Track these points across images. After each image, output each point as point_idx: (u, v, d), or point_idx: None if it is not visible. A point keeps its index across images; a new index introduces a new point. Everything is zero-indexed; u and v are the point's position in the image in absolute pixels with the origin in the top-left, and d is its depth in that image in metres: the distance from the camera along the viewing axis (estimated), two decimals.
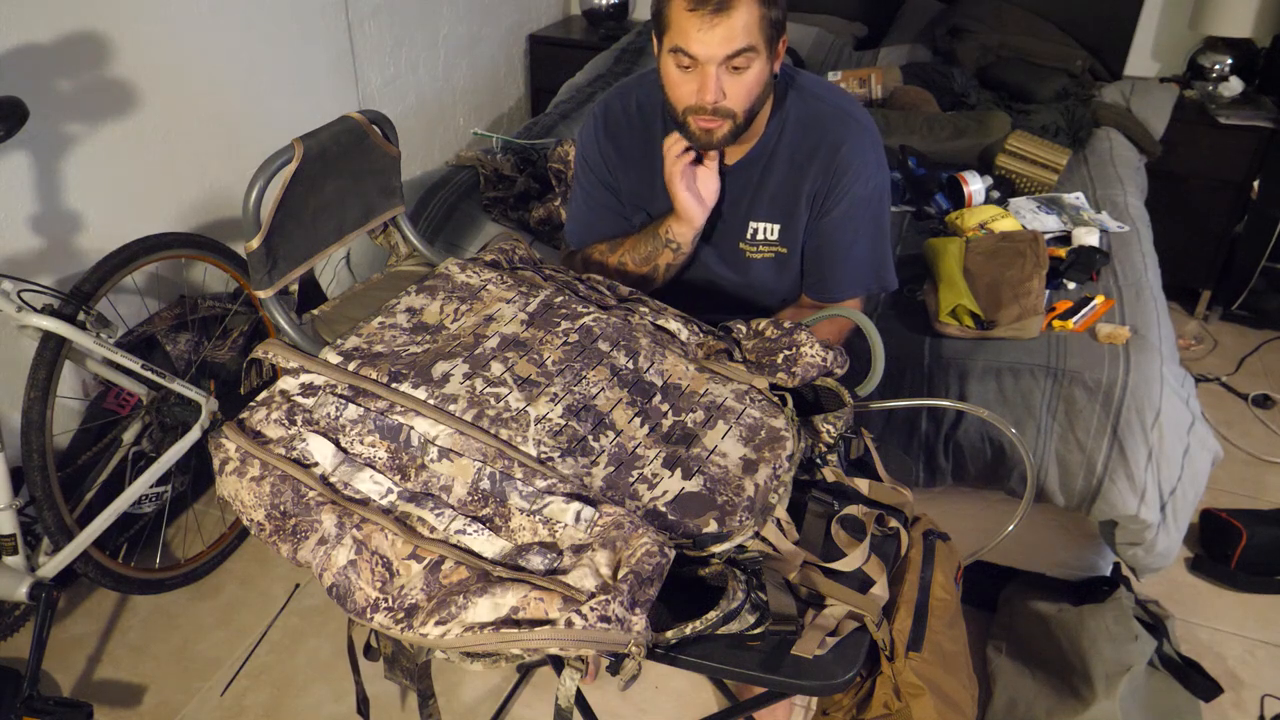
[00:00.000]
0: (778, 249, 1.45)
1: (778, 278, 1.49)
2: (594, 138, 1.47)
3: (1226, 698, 1.74)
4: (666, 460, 0.98)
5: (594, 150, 1.48)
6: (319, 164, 1.07)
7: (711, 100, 1.23)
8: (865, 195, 1.39)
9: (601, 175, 1.49)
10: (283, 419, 0.96)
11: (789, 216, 1.42)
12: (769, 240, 1.44)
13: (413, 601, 0.83)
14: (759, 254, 1.46)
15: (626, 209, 1.51)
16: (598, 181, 1.49)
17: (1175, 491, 1.58)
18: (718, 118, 1.25)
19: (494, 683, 1.79)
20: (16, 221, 1.84)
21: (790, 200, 1.40)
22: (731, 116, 1.26)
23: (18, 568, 1.62)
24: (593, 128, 1.47)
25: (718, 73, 1.21)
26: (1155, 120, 2.72)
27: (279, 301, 1.05)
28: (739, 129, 1.28)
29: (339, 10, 2.58)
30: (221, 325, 2.10)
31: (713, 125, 1.26)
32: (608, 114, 1.46)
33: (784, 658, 0.90)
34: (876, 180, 1.39)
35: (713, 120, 1.26)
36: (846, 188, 1.37)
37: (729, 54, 1.20)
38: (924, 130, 2.42)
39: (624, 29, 3.51)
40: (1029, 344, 1.68)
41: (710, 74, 1.21)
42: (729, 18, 1.17)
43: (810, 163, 1.37)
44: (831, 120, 1.37)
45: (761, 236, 1.44)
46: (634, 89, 1.46)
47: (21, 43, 1.78)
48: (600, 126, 1.47)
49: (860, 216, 1.40)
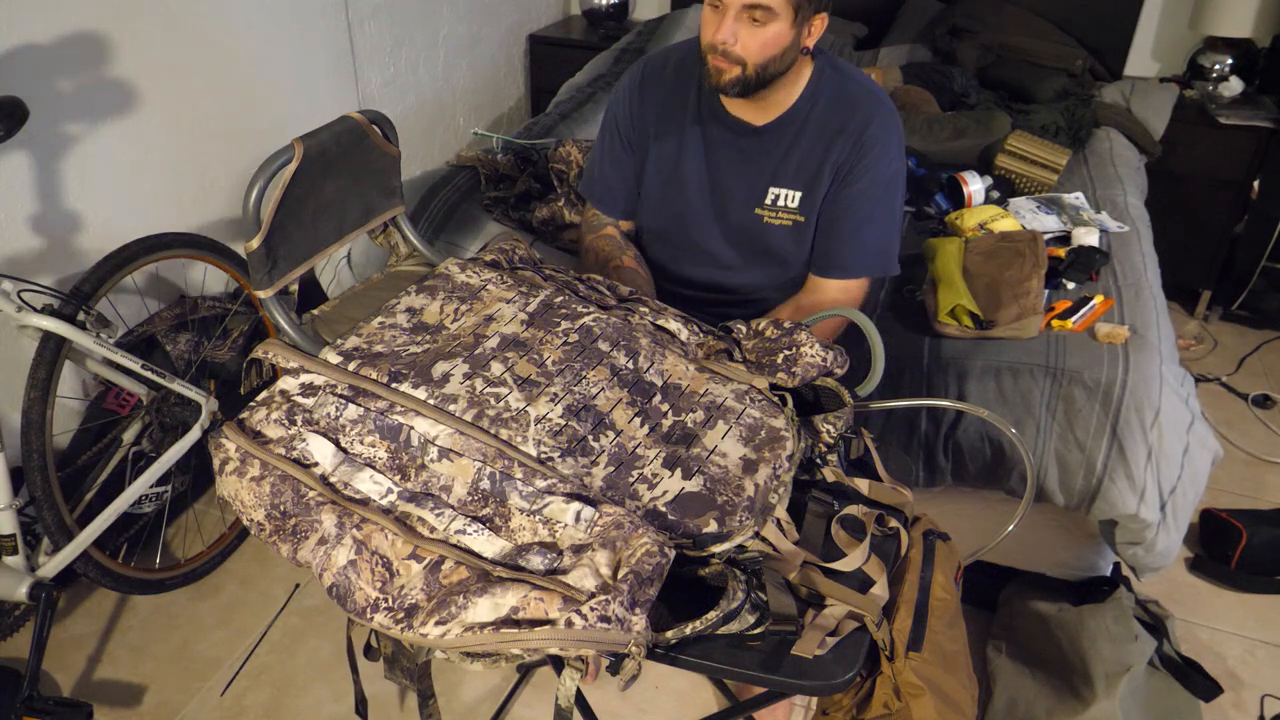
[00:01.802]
0: (795, 217, 1.48)
1: (789, 249, 1.51)
2: (626, 95, 1.54)
3: (1226, 698, 1.74)
4: (666, 460, 0.98)
5: (625, 108, 1.55)
6: (319, 164, 1.07)
7: (722, 40, 1.31)
8: (885, 177, 1.44)
9: (627, 134, 1.55)
10: (283, 419, 0.96)
11: (811, 186, 1.46)
12: (789, 208, 1.48)
13: (413, 601, 0.83)
14: (777, 220, 1.49)
15: (649, 179, 1.55)
16: (621, 140, 1.56)
17: (1175, 491, 1.58)
18: (727, 60, 1.33)
19: (494, 683, 1.79)
20: (16, 221, 1.84)
21: (814, 170, 1.45)
22: (741, 64, 1.33)
23: (18, 568, 1.62)
24: (627, 85, 1.55)
25: (734, 17, 1.30)
26: (1155, 120, 2.72)
27: (279, 301, 1.05)
28: (748, 82, 1.34)
29: (339, 10, 2.58)
30: (221, 325, 2.10)
31: (722, 66, 1.34)
32: (645, 73, 1.54)
33: (784, 658, 0.90)
34: (897, 165, 1.45)
35: (722, 61, 1.33)
36: (869, 166, 1.43)
37: (747, 3, 1.28)
38: (924, 130, 2.42)
39: (624, 29, 3.51)
40: (1028, 344, 1.68)
41: (728, 16, 1.30)
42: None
43: (838, 137, 1.43)
44: (864, 100, 1.43)
45: (782, 203, 1.48)
46: (673, 52, 1.53)
47: (21, 43, 1.78)
48: (635, 85, 1.54)
49: (878, 197, 1.45)
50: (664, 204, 1.56)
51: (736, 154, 1.48)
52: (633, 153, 1.56)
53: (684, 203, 1.54)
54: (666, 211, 1.57)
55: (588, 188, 1.64)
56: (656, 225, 1.61)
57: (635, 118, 1.54)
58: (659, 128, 1.52)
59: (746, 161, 1.47)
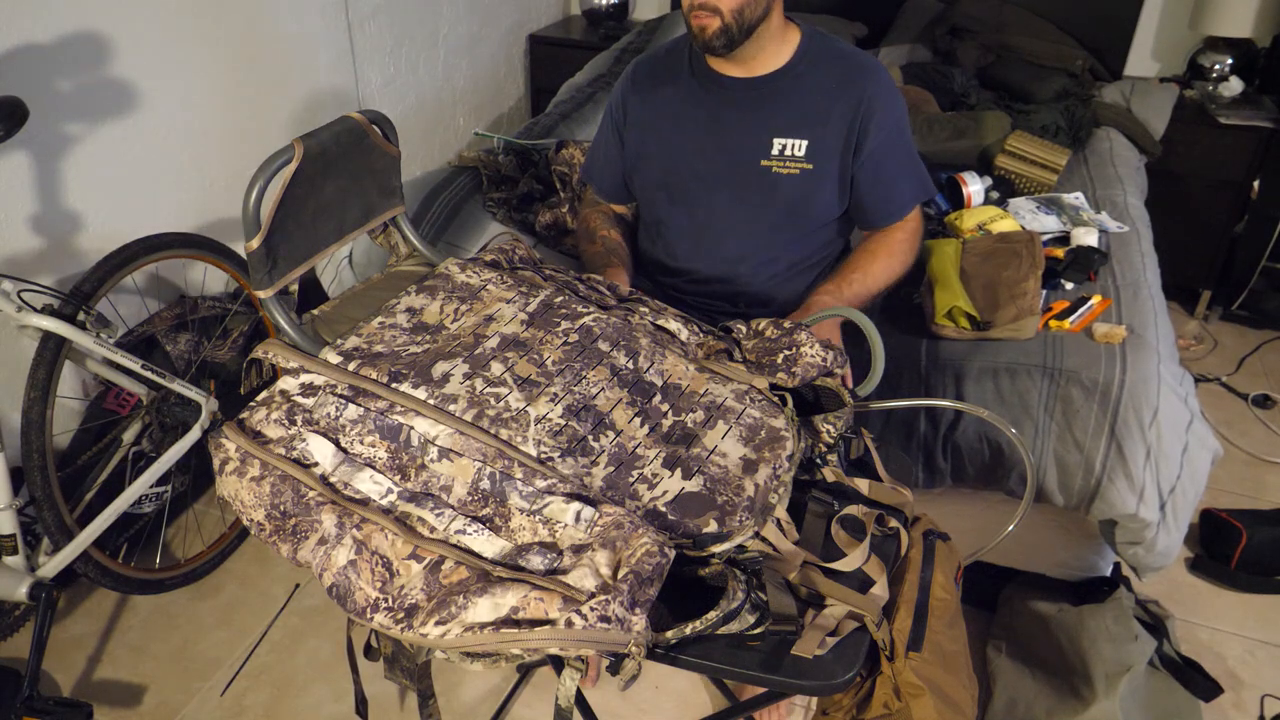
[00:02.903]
0: (803, 164, 1.50)
1: (801, 198, 1.53)
2: (621, 89, 1.63)
3: (1226, 698, 1.74)
4: (666, 460, 0.98)
5: (619, 98, 1.63)
6: (319, 164, 1.07)
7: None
8: (894, 123, 1.52)
9: (618, 122, 1.64)
10: (283, 419, 0.96)
11: (817, 134, 1.49)
12: (796, 156, 1.50)
13: (413, 601, 0.83)
14: (786, 169, 1.51)
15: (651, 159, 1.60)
16: (613, 127, 1.65)
17: (1175, 490, 1.58)
18: (705, 12, 1.39)
19: (494, 683, 1.79)
20: (16, 221, 1.84)
21: (819, 118, 1.49)
22: (718, 14, 1.38)
23: (18, 568, 1.62)
24: (626, 76, 1.64)
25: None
26: (1155, 120, 2.72)
27: (279, 301, 1.04)
28: (730, 33, 1.40)
29: (339, 10, 2.58)
30: (221, 325, 2.10)
31: (704, 21, 1.40)
32: (637, 66, 1.63)
33: (784, 658, 0.90)
34: (899, 109, 1.53)
35: (702, 15, 1.39)
36: (880, 123, 1.49)
37: None
38: (924, 130, 2.42)
39: (624, 29, 3.51)
40: (1025, 344, 1.68)
41: None
42: None
43: (839, 89, 1.49)
44: (855, 56, 1.52)
45: (790, 153, 1.50)
46: (669, 43, 1.62)
47: (21, 43, 1.78)
48: (630, 77, 1.62)
49: (896, 141, 1.53)
50: (670, 179, 1.58)
51: (735, 111, 1.52)
52: (621, 138, 1.63)
53: (690, 173, 1.56)
54: (674, 186, 1.58)
55: (587, 170, 1.73)
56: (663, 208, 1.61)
57: (627, 110, 1.61)
58: (656, 110, 1.58)
59: (745, 115, 1.51)
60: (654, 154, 1.59)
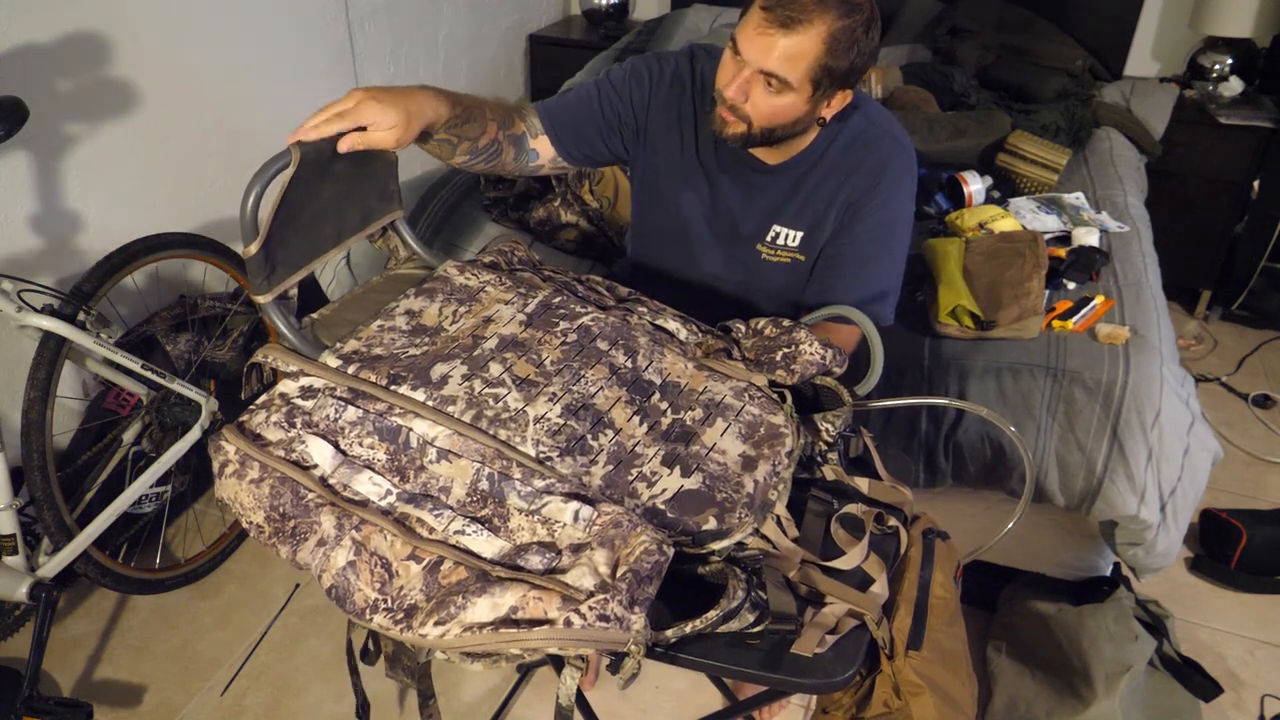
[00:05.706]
0: (795, 255, 1.45)
1: (786, 285, 1.49)
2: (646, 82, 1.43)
3: (1226, 698, 1.74)
4: (665, 458, 0.98)
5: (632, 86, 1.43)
6: (316, 168, 1.07)
7: (730, 97, 1.26)
8: (893, 219, 1.39)
9: (615, 106, 1.43)
10: (282, 422, 0.96)
11: (815, 225, 1.42)
12: (789, 246, 1.45)
13: (412, 602, 0.83)
14: (775, 258, 1.46)
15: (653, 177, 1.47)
16: (607, 104, 1.43)
17: (1175, 491, 1.58)
18: (733, 115, 1.28)
19: (494, 683, 1.79)
20: (16, 221, 1.84)
21: (821, 209, 1.41)
22: (747, 122, 1.28)
23: (18, 568, 1.62)
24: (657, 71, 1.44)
25: (750, 78, 1.24)
26: (1155, 120, 2.72)
27: (278, 306, 1.04)
28: (751, 139, 1.30)
29: (339, 10, 2.58)
30: (221, 325, 2.10)
31: (727, 119, 1.29)
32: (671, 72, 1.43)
33: (784, 656, 0.90)
34: (906, 210, 1.41)
35: (729, 114, 1.28)
36: (881, 204, 1.38)
37: (764, 69, 1.22)
38: (924, 130, 2.42)
39: (624, 29, 3.51)
40: (1029, 344, 1.68)
41: (744, 74, 1.24)
42: (785, 38, 1.19)
43: (850, 177, 1.38)
44: (882, 143, 1.38)
45: (783, 241, 1.45)
46: (703, 55, 1.42)
47: (21, 43, 1.78)
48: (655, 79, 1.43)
49: (883, 237, 1.40)
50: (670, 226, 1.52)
51: (746, 187, 1.43)
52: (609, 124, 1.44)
53: (686, 221, 1.50)
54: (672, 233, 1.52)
55: (546, 107, 1.43)
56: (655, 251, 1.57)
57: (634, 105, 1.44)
58: (664, 156, 1.46)
59: (753, 196, 1.43)
60: (662, 196, 1.50)
